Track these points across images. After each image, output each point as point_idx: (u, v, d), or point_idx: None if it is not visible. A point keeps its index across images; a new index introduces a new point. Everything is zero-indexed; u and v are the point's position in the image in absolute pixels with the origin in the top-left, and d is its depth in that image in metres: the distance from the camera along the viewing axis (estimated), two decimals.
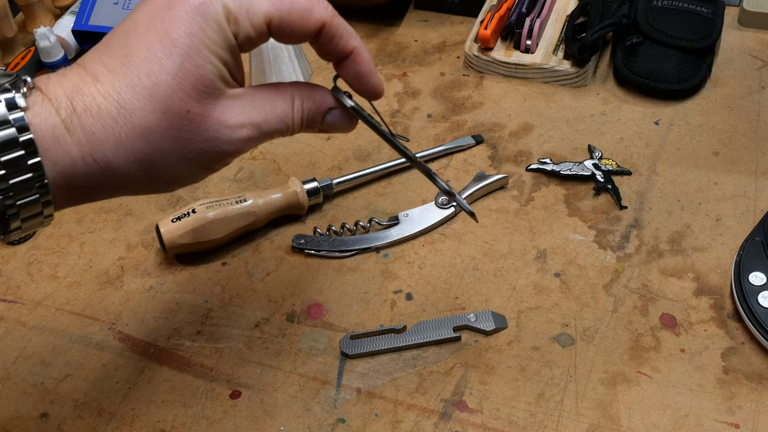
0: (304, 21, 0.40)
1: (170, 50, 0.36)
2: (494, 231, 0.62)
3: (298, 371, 0.54)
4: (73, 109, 0.36)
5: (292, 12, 0.39)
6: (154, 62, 0.36)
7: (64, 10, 0.86)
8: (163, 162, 0.38)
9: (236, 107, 0.39)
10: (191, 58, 0.37)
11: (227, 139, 0.39)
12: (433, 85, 0.75)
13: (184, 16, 0.37)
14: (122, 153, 0.37)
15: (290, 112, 0.42)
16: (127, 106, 0.36)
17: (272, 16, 0.39)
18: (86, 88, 0.36)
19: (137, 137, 0.37)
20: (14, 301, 0.60)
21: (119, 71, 0.36)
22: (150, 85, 0.36)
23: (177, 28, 0.37)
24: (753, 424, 0.49)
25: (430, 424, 0.50)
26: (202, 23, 0.37)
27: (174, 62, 0.36)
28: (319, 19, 0.40)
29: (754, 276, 0.54)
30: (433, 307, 0.57)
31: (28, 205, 0.36)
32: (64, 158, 0.36)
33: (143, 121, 0.36)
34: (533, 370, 0.52)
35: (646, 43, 0.71)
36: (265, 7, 0.38)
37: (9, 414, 0.53)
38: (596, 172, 0.64)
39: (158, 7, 0.37)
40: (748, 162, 0.65)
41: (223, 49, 0.38)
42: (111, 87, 0.36)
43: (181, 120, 0.37)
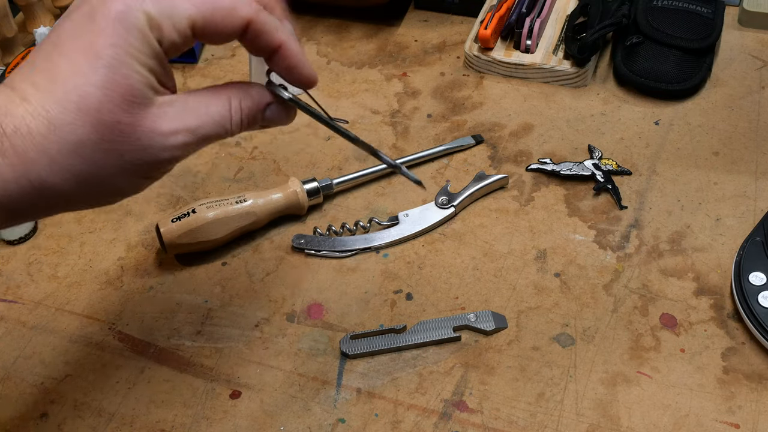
0: (229, 20, 0.39)
1: (94, 62, 0.36)
2: (494, 231, 0.62)
3: (298, 371, 0.54)
4: (3, 132, 0.35)
5: (215, 13, 0.39)
6: (79, 76, 0.36)
7: (64, 10, 0.86)
8: (100, 175, 0.38)
9: (168, 114, 0.39)
10: (116, 69, 0.36)
11: (162, 147, 0.39)
12: (433, 85, 0.75)
13: (105, 27, 0.36)
14: (56, 171, 0.36)
15: (228, 114, 0.41)
16: (57, 122, 0.36)
17: (195, 19, 0.38)
18: (15, 109, 0.36)
19: (70, 153, 0.36)
20: (14, 301, 0.60)
21: (46, 88, 0.36)
22: (77, 99, 0.36)
23: (99, 39, 0.36)
24: (753, 424, 0.49)
25: (430, 424, 0.50)
26: (124, 33, 0.37)
27: (99, 75, 0.36)
28: (243, 17, 0.40)
29: (754, 276, 0.54)
30: (433, 307, 0.57)
31: None
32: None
33: (74, 136, 0.36)
34: (533, 370, 0.52)
35: (646, 43, 0.72)
36: (187, 11, 0.38)
37: (9, 414, 0.53)
38: (596, 172, 0.64)
39: (80, 19, 0.37)
40: (748, 162, 0.65)
41: (148, 57, 0.38)
42: (39, 105, 0.36)
43: (112, 131, 0.37)
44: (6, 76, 0.75)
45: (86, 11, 0.37)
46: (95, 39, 0.36)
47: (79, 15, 0.37)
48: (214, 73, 0.80)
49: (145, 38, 0.37)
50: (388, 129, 0.71)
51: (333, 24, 0.84)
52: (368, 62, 0.79)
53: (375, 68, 0.78)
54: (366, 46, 0.81)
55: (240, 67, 0.80)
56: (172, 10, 0.38)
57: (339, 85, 0.77)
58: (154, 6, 0.37)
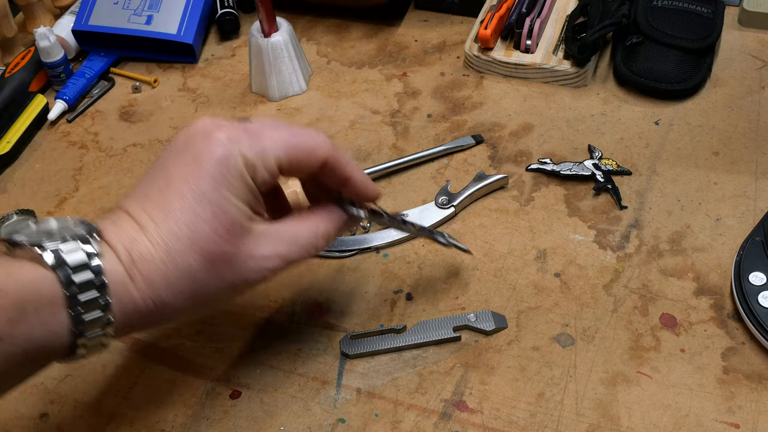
0: (310, 160, 0.46)
1: (202, 201, 0.42)
2: (494, 231, 0.62)
3: (298, 371, 0.54)
4: (131, 259, 0.41)
5: (299, 154, 0.45)
6: (189, 213, 0.42)
7: (64, 10, 0.86)
8: (205, 294, 0.44)
9: (263, 242, 0.45)
10: (220, 206, 0.42)
11: (256, 270, 0.45)
12: (433, 85, 0.75)
13: (210, 169, 0.42)
14: (173, 292, 0.42)
15: (314, 240, 0.48)
16: (173, 252, 0.42)
17: (282, 160, 0.45)
18: (139, 237, 0.42)
19: (183, 277, 0.42)
20: None
21: (162, 221, 0.42)
22: (189, 233, 0.42)
23: (205, 181, 0.42)
24: (753, 424, 0.49)
25: (430, 424, 0.50)
26: (226, 174, 0.42)
27: (207, 212, 0.42)
28: (321, 157, 0.46)
29: (754, 276, 0.54)
30: (433, 307, 0.57)
31: (93, 338, 0.40)
32: (128, 301, 0.41)
33: (187, 264, 0.42)
34: (533, 370, 0.52)
35: (646, 43, 0.72)
36: (276, 153, 0.44)
37: (9, 414, 0.53)
38: (596, 172, 0.64)
39: (187, 161, 0.43)
40: (748, 162, 0.65)
41: (245, 193, 0.43)
42: (158, 236, 0.42)
43: (218, 259, 0.43)
44: (6, 76, 0.75)
45: (192, 154, 0.43)
46: (202, 180, 0.42)
47: (186, 157, 0.43)
48: (214, 72, 0.80)
49: (242, 178, 0.43)
50: (388, 129, 0.71)
51: (333, 24, 0.84)
52: (368, 62, 0.79)
53: (375, 68, 0.78)
54: (366, 46, 0.81)
55: (240, 67, 0.80)
56: (264, 153, 0.44)
57: (339, 85, 0.77)
58: (250, 149, 0.43)
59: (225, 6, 0.83)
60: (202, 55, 0.82)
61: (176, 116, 0.75)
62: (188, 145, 0.44)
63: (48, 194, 0.69)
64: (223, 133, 0.43)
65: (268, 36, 0.72)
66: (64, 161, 0.72)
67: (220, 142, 0.43)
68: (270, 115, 0.74)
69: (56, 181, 0.70)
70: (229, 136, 0.43)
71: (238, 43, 0.84)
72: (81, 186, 0.69)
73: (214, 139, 0.43)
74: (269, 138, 0.44)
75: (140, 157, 0.71)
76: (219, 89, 0.78)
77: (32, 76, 0.77)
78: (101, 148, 0.73)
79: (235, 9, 0.83)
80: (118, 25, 0.80)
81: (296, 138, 0.45)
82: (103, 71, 0.81)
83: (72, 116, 0.76)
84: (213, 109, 0.75)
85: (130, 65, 0.82)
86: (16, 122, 0.74)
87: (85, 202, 0.68)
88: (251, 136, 0.44)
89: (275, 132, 0.45)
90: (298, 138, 0.45)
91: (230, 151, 0.43)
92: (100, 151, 0.73)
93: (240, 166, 0.43)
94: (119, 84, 0.80)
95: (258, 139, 0.44)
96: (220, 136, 0.43)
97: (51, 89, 0.80)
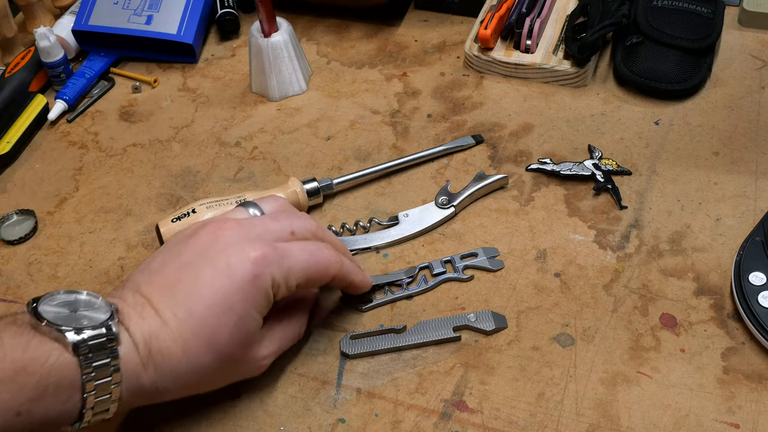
0: (323, 277, 0.50)
1: (228, 312, 0.46)
2: (494, 231, 0.62)
3: (298, 371, 0.54)
4: (149, 351, 0.44)
5: (315, 274, 0.49)
6: (213, 319, 0.45)
7: (64, 10, 0.86)
8: (205, 385, 0.48)
9: (262, 342, 0.49)
10: (243, 320, 0.46)
11: (256, 366, 0.50)
12: (433, 85, 0.75)
13: (242, 287, 0.46)
14: (179, 384, 0.46)
15: (302, 330, 0.54)
16: (190, 350, 0.45)
17: (301, 280, 0.49)
18: (160, 333, 0.45)
19: (193, 373, 0.46)
20: (14, 301, 0.60)
21: (185, 320, 0.45)
22: (209, 336, 0.45)
23: (236, 297, 0.46)
24: (753, 424, 0.49)
25: (430, 424, 0.50)
26: (254, 292, 0.46)
27: (230, 322, 0.46)
28: (333, 274, 0.51)
29: (754, 276, 0.54)
30: (433, 307, 0.57)
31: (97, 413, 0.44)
32: (136, 386, 0.45)
33: (199, 363, 0.46)
34: (533, 370, 0.52)
35: (646, 43, 0.71)
36: (298, 275, 0.48)
37: None
38: (596, 172, 0.64)
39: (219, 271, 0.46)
40: (748, 162, 0.65)
41: (265, 307, 0.48)
42: (179, 333, 0.45)
43: (228, 360, 0.47)
44: (6, 76, 0.75)
45: (225, 266, 0.46)
46: (233, 296, 0.46)
47: (218, 265, 0.46)
48: (214, 72, 0.80)
49: (267, 295, 0.47)
50: (388, 129, 0.71)
51: (333, 24, 0.84)
52: (368, 62, 0.79)
53: (375, 68, 0.78)
54: (366, 46, 0.81)
55: (240, 66, 0.80)
56: (289, 274, 0.48)
57: (339, 85, 0.77)
58: (278, 271, 0.47)
59: (225, 6, 0.83)
60: (202, 55, 0.82)
61: (176, 116, 0.75)
62: (220, 252, 0.47)
63: (48, 194, 0.69)
64: (257, 251, 0.46)
65: (268, 36, 0.72)
66: (64, 161, 0.72)
67: (254, 262, 0.46)
68: (270, 114, 0.74)
69: (56, 181, 0.70)
70: (263, 255, 0.46)
71: (238, 43, 0.84)
72: (81, 186, 0.69)
73: (248, 257, 0.46)
74: (294, 258, 0.48)
75: (140, 157, 0.71)
76: (219, 89, 0.78)
77: (32, 76, 0.77)
78: (101, 148, 0.73)
79: (235, 9, 0.83)
80: (118, 25, 0.80)
81: (314, 258, 0.49)
82: (103, 71, 0.81)
83: (72, 116, 0.76)
84: (213, 109, 0.75)
85: (130, 65, 0.82)
86: (16, 122, 0.74)
87: (85, 202, 0.68)
88: (280, 256, 0.47)
89: (300, 253, 0.49)
90: (316, 258, 0.49)
91: (262, 272, 0.46)
92: (100, 151, 0.73)
93: (268, 286, 0.47)
94: (119, 84, 0.80)
95: (285, 259, 0.48)
96: (255, 255, 0.46)
97: (51, 89, 0.80)
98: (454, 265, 0.59)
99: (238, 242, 0.47)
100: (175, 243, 0.48)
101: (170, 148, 0.72)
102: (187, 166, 0.70)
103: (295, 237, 0.50)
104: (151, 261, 0.48)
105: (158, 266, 0.47)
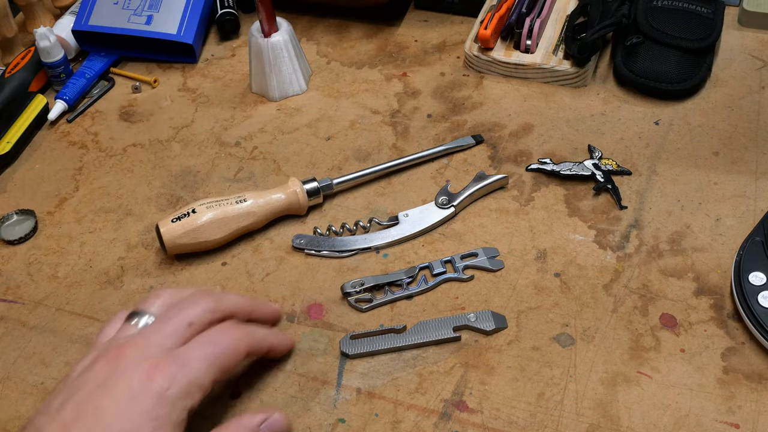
0: (237, 358, 0.49)
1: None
2: (494, 231, 0.62)
3: (298, 371, 0.54)
4: None
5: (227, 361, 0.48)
6: None
7: (64, 10, 0.86)
8: None
9: None
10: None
11: None
12: (433, 85, 0.75)
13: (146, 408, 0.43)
14: None
15: None
16: None
17: (215, 374, 0.47)
18: None
19: None
20: (14, 301, 0.60)
21: None
22: None
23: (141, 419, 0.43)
24: (753, 424, 0.49)
25: (430, 424, 0.50)
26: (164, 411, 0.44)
27: None
28: (245, 351, 0.49)
29: (754, 276, 0.54)
30: (433, 307, 0.57)
31: None
32: None
33: None
34: (533, 370, 0.52)
35: (646, 43, 0.72)
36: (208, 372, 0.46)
37: (9, 414, 0.53)
38: (596, 172, 0.64)
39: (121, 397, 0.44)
40: (748, 162, 0.65)
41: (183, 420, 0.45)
42: None
43: None
44: (6, 76, 0.75)
45: (126, 392, 0.44)
46: (138, 418, 0.43)
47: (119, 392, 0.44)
48: (214, 72, 0.80)
49: (178, 408, 0.45)
50: (388, 129, 0.71)
51: (333, 24, 0.84)
52: (368, 62, 0.79)
53: (375, 68, 0.78)
54: (366, 46, 0.81)
55: (240, 67, 0.80)
56: (197, 377, 0.46)
57: (339, 85, 0.77)
58: (184, 379, 0.45)
59: (225, 6, 0.83)
60: (202, 55, 0.82)
61: (176, 116, 0.75)
62: (119, 379, 0.44)
63: (48, 194, 0.69)
64: (154, 368, 0.44)
65: (268, 36, 0.72)
66: (64, 161, 0.72)
67: (155, 381, 0.44)
68: (270, 114, 0.74)
69: (56, 181, 0.70)
70: (161, 371, 0.44)
71: (238, 43, 0.84)
72: (81, 186, 0.69)
73: (148, 378, 0.44)
74: (197, 360, 0.46)
75: (140, 157, 0.71)
76: (219, 89, 0.78)
77: (32, 76, 0.77)
78: (101, 148, 0.73)
79: (235, 9, 0.83)
80: (118, 25, 0.80)
81: (219, 348, 0.47)
82: (103, 71, 0.81)
83: (72, 116, 0.76)
84: (213, 109, 0.75)
85: (130, 65, 0.82)
86: (16, 122, 0.74)
87: (84, 202, 0.68)
88: (181, 364, 0.45)
89: (202, 351, 0.47)
90: (221, 347, 0.47)
91: (166, 387, 0.44)
92: (100, 151, 0.73)
93: (176, 399, 0.44)
94: (119, 84, 0.80)
95: (188, 365, 0.46)
96: (154, 373, 0.44)
97: (51, 89, 0.80)
98: (454, 265, 0.59)
99: (138, 364, 0.45)
100: (73, 379, 0.46)
101: (170, 148, 0.72)
102: (187, 166, 0.70)
103: (194, 328, 0.48)
104: (51, 402, 0.45)
105: (58, 406, 0.45)
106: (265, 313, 0.55)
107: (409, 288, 0.57)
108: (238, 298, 0.53)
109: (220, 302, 0.50)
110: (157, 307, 0.50)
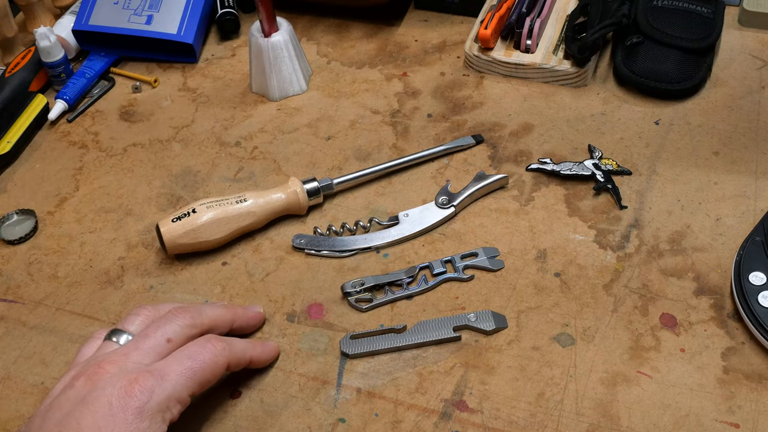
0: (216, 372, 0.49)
1: None
2: (494, 231, 0.62)
3: (298, 371, 0.54)
4: None
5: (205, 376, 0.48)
6: None
7: (64, 10, 0.86)
8: None
9: None
10: None
11: None
12: (433, 85, 0.75)
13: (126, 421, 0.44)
14: None
15: None
16: None
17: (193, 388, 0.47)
18: None
19: None
20: (14, 301, 0.60)
21: None
22: None
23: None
24: (753, 424, 0.49)
25: (430, 424, 0.50)
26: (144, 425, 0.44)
27: None
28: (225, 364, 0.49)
29: (754, 276, 0.54)
30: (433, 307, 0.57)
31: None
32: None
33: None
34: (533, 370, 0.52)
35: (646, 43, 0.72)
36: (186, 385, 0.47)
37: (9, 414, 0.53)
38: (596, 172, 0.64)
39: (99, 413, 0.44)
40: (748, 162, 0.65)
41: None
42: None
43: None
44: (6, 76, 0.75)
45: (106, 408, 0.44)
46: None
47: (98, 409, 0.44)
48: (214, 72, 0.80)
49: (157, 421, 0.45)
50: (388, 129, 0.71)
51: (333, 24, 0.84)
52: (368, 62, 0.79)
53: (375, 68, 0.78)
54: (366, 46, 0.81)
55: (240, 66, 0.80)
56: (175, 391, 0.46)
57: (339, 85, 0.77)
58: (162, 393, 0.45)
59: (225, 6, 0.83)
60: (202, 55, 0.82)
61: (176, 116, 0.75)
62: (99, 395, 0.45)
63: (48, 194, 0.69)
64: (133, 383, 0.45)
65: (268, 36, 0.72)
66: (64, 161, 0.72)
67: (133, 396, 0.44)
68: (270, 114, 0.74)
69: (56, 181, 0.70)
70: (140, 385, 0.45)
71: (238, 43, 0.84)
72: (81, 186, 0.69)
73: (127, 393, 0.45)
74: (176, 375, 0.46)
75: (140, 157, 0.71)
76: (219, 89, 0.78)
77: (32, 76, 0.77)
78: (101, 147, 0.73)
79: (235, 9, 0.83)
80: (118, 25, 0.80)
81: (197, 362, 0.48)
82: (103, 71, 0.81)
83: (72, 116, 0.76)
84: (213, 108, 0.75)
85: (130, 65, 0.82)
86: (16, 122, 0.74)
87: (85, 202, 0.68)
88: (160, 378, 0.46)
89: (180, 365, 0.47)
90: (200, 362, 0.48)
91: (145, 401, 0.45)
92: (100, 150, 0.73)
93: (154, 412, 0.45)
94: (119, 84, 0.80)
95: (166, 379, 0.46)
96: (132, 388, 0.45)
97: (51, 89, 0.80)
98: (455, 264, 0.59)
99: (117, 380, 0.45)
100: (54, 397, 0.47)
101: (170, 148, 0.72)
102: (187, 166, 0.70)
103: (173, 344, 0.49)
104: (32, 420, 0.46)
105: (38, 425, 0.45)
106: (248, 320, 0.55)
107: (410, 288, 0.57)
108: (218, 310, 0.53)
109: (198, 317, 0.51)
110: (137, 325, 0.50)
